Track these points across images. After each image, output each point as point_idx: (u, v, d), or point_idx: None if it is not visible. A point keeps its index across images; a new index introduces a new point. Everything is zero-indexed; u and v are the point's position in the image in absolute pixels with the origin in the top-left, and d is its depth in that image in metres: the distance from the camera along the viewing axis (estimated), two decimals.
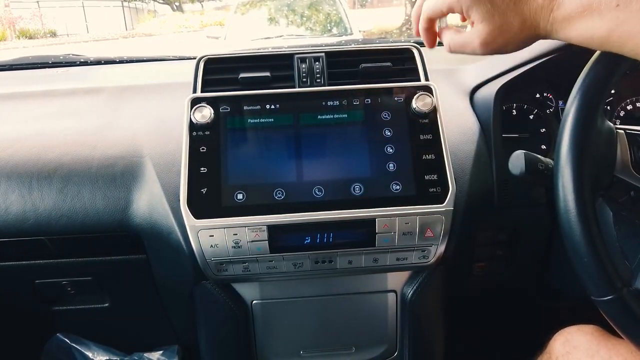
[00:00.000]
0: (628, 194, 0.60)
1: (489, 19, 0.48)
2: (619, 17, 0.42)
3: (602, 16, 0.43)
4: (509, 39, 0.49)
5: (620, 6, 0.42)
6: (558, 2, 0.46)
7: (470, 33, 0.51)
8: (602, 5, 0.43)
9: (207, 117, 0.67)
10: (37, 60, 1.22)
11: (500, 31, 0.48)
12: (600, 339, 0.64)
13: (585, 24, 0.45)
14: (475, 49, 0.51)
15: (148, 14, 19.02)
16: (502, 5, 0.47)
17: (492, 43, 0.49)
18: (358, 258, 0.69)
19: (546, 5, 0.46)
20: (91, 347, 0.94)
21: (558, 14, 0.46)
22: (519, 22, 0.48)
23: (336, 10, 4.84)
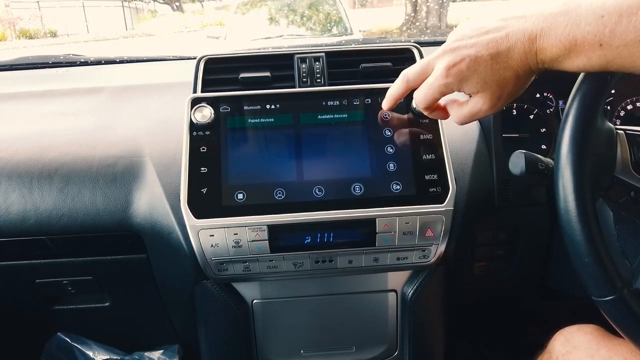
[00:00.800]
0: (628, 194, 0.60)
1: (483, 87, 0.49)
2: (607, 55, 0.42)
3: (590, 56, 0.43)
4: (511, 91, 0.49)
5: (604, 45, 0.42)
6: (538, 47, 0.46)
7: (475, 102, 0.51)
8: (586, 47, 0.43)
9: (207, 117, 0.67)
10: (37, 60, 1.22)
11: (500, 90, 0.49)
12: (600, 339, 0.64)
13: (575, 61, 0.45)
14: (486, 113, 0.51)
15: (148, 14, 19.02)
16: (488, 70, 0.48)
17: (498, 101, 0.50)
18: (358, 258, 0.69)
19: (528, 51, 0.46)
20: (92, 347, 0.94)
21: (544, 57, 0.46)
22: (512, 74, 0.48)
23: (336, 10, 4.84)
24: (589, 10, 0.43)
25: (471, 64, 0.48)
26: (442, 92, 0.51)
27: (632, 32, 0.40)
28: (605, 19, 0.42)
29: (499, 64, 0.47)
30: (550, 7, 0.46)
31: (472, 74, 0.48)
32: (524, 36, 0.46)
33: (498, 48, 0.47)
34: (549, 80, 0.84)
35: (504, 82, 0.48)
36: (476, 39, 0.49)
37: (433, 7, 8.84)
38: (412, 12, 9.06)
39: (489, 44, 0.47)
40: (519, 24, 0.47)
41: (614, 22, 0.41)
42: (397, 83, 0.56)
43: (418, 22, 8.89)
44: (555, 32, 0.44)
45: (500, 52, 0.47)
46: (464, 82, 0.49)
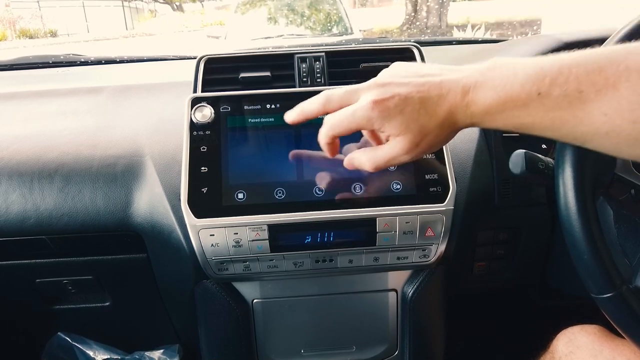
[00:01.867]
0: (628, 192, 0.60)
1: (404, 130, 0.46)
2: (545, 104, 0.40)
3: (526, 106, 0.41)
4: (432, 141, 0.47)
5: (542, 94, 0.40)
6: (471, 99, 0.43)
7: (391, 146, 0.48)
8: (523, 96, 0.41)
9: (207, 117, 0.67)
10: (37, 60, 1.23)
11: (420, 136, 0.46)
12: (603, 339, 0.64)
13: (509, 114, 0.42)
14: (402, 159, 0.48)
15: (148, 14, 19.03)
16: (414, 113, 0.45)
17: (417, 149, 0.47)
18: (359, 257, 0.69)
19: (459, 103, 0.44)
20: (92, 346, 0.94)
21: (476, 109, 0.43)
22: (436, 123, 0.45)
23: (336, 9, 4.85)
24: (526, 64, 0.42)
25: (399, 102, 0.45)
26: (360, 125, 0.48)
27: (574, 83, 0.39)
28: (544, 70, 0.40)
29: (426, 110, 0.45)
30: (486, 63, 0.45)
31: (398, 114, 0.45)
32: (457, 86, 0.44)
33: (429, 93, 0.45)
34: None
35: (426, 130, 0.46)
36: (410, 79, 0.47)
37: (433, 7, 8.85)
38: (412, 11, 9.06)
39: (422, 87, 0.46)
40: (454, 75, 0.45)
41: (554, 72, 0.40)
42: (315, 100, 0.52)
43: (418, 22, 8.90)
44: (491, 83, 0.43)
45: (431, 97, 0.45)
46: (387, 120, 0.46)
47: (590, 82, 0.38)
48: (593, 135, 0.40)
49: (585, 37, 0.78)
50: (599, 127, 0.39)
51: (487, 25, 7.08)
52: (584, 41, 0.78)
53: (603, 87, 0.38)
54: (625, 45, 0.40)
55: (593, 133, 0.40)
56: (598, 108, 0.38)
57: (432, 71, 0.47)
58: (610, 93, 0.38)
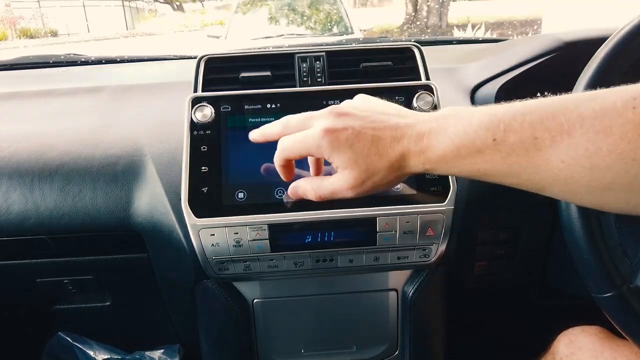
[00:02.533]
0: None
1: (352, 165, 0.45)
2: (501, 150, 0.40)
3: (482, 153, 0.41)
4: (378, 181, 0.46)
5: (498, 141, 0.40)
6: (425, 144, 0.43)
7: (337, 179, 0.47)
8: (478, 143, 0.40)
9: (207, 117, 0.67)
10: (38, 59, 1.23)
11: (367, 174, 0.45)
12: (604, 340, 0.64)
13: (464, 161, 0.42)
14: (345, 194, 0.48)
15: (149, 14, 19.03)
16: (364, 150, 0.44)
17: (362, 186, 0.46)
18: (359, 257, 0.69)
19: (412, 148, 0.43)
20: (93, 346, 0.94)
21: (430, 155, 0.43)
22: (385, 165, 0.45)
23: (337, 9, 4.85)
24: (481, 111, 0.42)
25: (350, 136, 0.45)
26: (310, 151, 0.47)
27: (528, 130, 0.38)
28: (498, 117, 0.40)
29: (377, 150, 0.44)
30: (441, 111, 0.45)
31: (347, 148, 0.45)
32: (412, 131, 0.44)
33: (383, 133, 0.45)
34: (550, 79, 0.84)
35: (373, 170, 0.45)
36: (366, 114, 0.46)
37: (434, 7, 8.85)
38: (412, 11, 9.06)
39: (377, 125, 0.45)
40: (411, 119, 0.45)
41: (508, 119, 0.40)
42: (276, 124, 0.53)
43: (419, 22, 8.89)
44: (445, 130, 0.42)
45: (384, 138, 0.44)
46: (336, 151, 0.45)
47: (545, 129, 0.38)
48: (552, 182, 0.40)
49: (586, 37, 0.78)
50: (557, 173, 0.38)
51: (487, 24, 7.08)
52: (584, 41, 0.78)
53: (558, 134, 0.38)
54: (578, 94, 0.41)
55: (552, 180, 0.39)
56: (555, 154, 0.38)
57: (391, 111, 0.47)
58: (565, 139, 0.37)
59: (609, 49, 0.56)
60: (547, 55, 0.78)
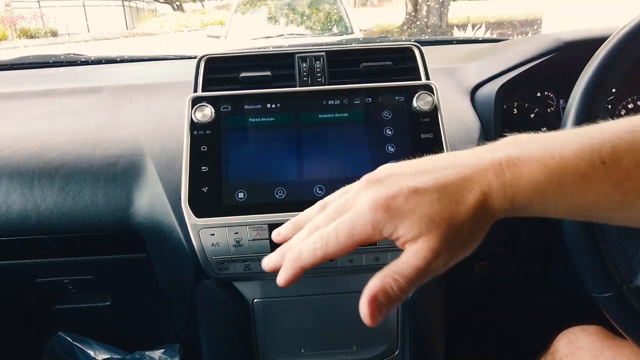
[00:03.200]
0: None
1: (427, 227, 0.34)
2: (612, 175, 0.33)
3: (588, 180, 0.33)
4: (467, 235, 0.35)
5: (607, 163, 0.32)
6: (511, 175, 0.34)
7: (413, 254, 0.34)
8: (582, 166, 0.33)
9: (208, 116, 0.67)
10: (38, 59, 1.23)
11: (450, 232, 0.34)
12: (604, 340, 0.64)
13: (566, 192, 0.34)
14: (434, 267, 0.35)
15: (149, 13, 19.02)
16: (433, 205, 0.34)
17: (450, 250, 0.35)
18: (359, 257, 0.69)
19: (493, 183, 0.34)
20: (93, 346, 0.94)
21: (520, 189, 0.34)
22: (467, 212, 0.34)
23: (337, 9, 4.85)
24: (569, 133, 0.34)
25: (410, 195, 0.34)
26: (365, 237, 0.35)
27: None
28: (597, 137, 0.33)
29: (450, 197, 0.34)
30: (507, 138, 0.36)
31: (411, 211, 0.34)
32: (483, 164, 0.34)
33: (448, 178, 0.35)
34: (550, 79, 0.84)
35: (457, 223, 0.34)
36: (410, 169, 0.37)
37: (434, 6, 8.84)
38: (412, 11, 9.06)
39: (434, 173, 0.35)
40: (471, 155, 0.36)
41: (611, 136, 0.33)
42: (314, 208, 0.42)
43: (419, 21, 8.89)
44: (530, 154, 0.34)
45: (452, 182, 0.34)
46: (400, 222, 0.34)
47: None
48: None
49: (586, 37, 0.78)
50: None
51: (487, 24, 7.08)
52: (584, 41, 0.78)
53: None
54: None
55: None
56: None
57: (436, 159, 0.37)
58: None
59: (609, 49, 0.56)
60: (547, 55, 0.78)
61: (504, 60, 0.84)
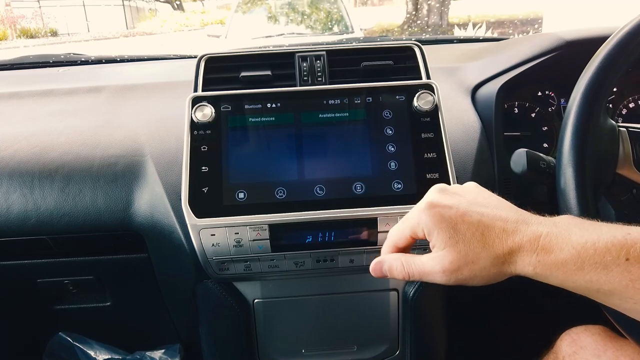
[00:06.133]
0: (630, 192, 0.60)
1: (451, 246, 0.41)
2: (632, 272, 0.36)
3: (608, 271, 0.37)
4: (477, 272, 0.42)
5: (631, 260, 0.36)
6: (542, 246, 0.39)
7: (430, 259, 0.44)
8: (607, 259, 0.36)
9: (208, 116, 0.67)
10: (38, 59, 1.23)
11: (465, 261, 0.41)
12: (607, 340, 0.64)
13: (586, 276, 0.38)
14: (436, 277, 0.44)
15: (149, 13, 19.02)
16: (467, 233, 0.41)
17: (456, 272, 0.42)
18: (359, 257, 0.69)
19: (526, 246, 0.39)
20: (93, 346, 0.94)
21: (547, 259, 0.39)
22: (489, 255, 0.41)
23: (337, 8, 4.84)
24: (611, 227, 0.38)
25: (455, 216, 0.41)
26: (412, 229, 0.45)
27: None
28: (634, 235, 0.36)
29: (483, 236, 0.41)
30: (560, 217, 0.41)
31: (450, 227, 0.41)
32: (527, 229, 0.40)
33: (492, 222, 0.41)
34: (551, 78, 0.84)
35: (474, 257, 0.41)
36: (475, 198, 0.44)
37: (434, 6, 8.83)
38: (413, 10, 9.05)
39: (485, 211, 0.42)
40: (524, 217, 0.42)
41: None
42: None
43: (419, 21, 8.89)
44: (567, 237, 0.38)
45: (492, 227, 0.41)
46: (437, 229, 0.42)
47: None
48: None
49: (587, 36, 0.78)
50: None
51: (488, 23, 7.07)
52: (585, 40, 0.78)
53: None
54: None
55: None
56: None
57: (502, 205, 0.44)
58: None
59: (610, 48, 0.55)
60: (548, 54, 0.78)
61: (504, 59, 0.84)
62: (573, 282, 0.39)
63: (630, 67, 0.56)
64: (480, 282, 0.43)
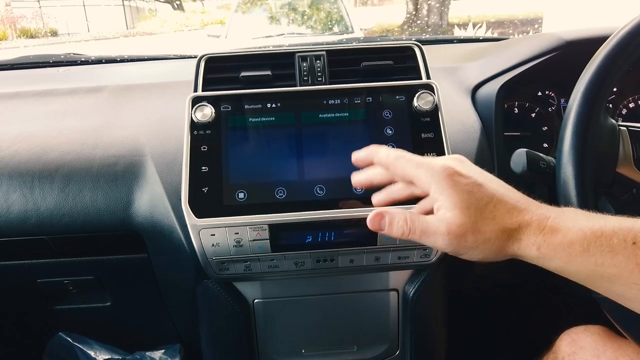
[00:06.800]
0: (630, 191, 0.60)
1: (463, 209, 0.40)
2: (639, 255, 0.36)
3: (614, 254, 0.36)
4: (480, 242, 0.40)
5: (638, 244, 0.36)
6: (550, 226, 0.39)
7: (437, 218, 0.41)
8: (614, 241, 0.36)
9: (208, 116, 0.67)
10: (38, 59, 1.23)
11: (472, 228, 0.40)
12: (606, 340, 0.64)
13: (591, 259, 0.37)
14: (438, 239, 0.41)
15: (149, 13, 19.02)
16: (481, 202, 0.40)
17: (460, 238, 0.40)
18: (359, 257, 0.69)
19: (534, 223, 0.40)
20: (93, 346, 0.94)
21: (553, 239, 0.38)
22: (497, 228, 0.40)
23: (337, 8, 4.84)
24: (618, 216, 0.38)
25: (471, 184, 0.41)
26: (417, 177, 0.44)
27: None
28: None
29: (494, 208, 0.40)
30: (580, 210, 0.42)
31: (465, 192, 0.41)
32: (537, 209, 0.41)
33: (505, 197, 0.41)
34: (551, 78, 0.84)
35: (482, 226, 0.40)
36: (490, 177, 0.44)
37: (434, 6, 8.84)
38: (413, 10, 9.05)
39: (499, 189, 0.42)
40: (533, 201, 0.42)
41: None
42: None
43: (419, 21, 8.89)
44: (575, 219, 0.39)
45: (504, 202, 0.41)
46: (450, 190, 0.41)
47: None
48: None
49: (587, 36, 0.78)
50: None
51: (488, 23, 7.08)
52: (585, 40, 0.78)
53: None
54: None
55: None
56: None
57: (513, 190, 0.44)
58: None
59: (610, 48, 0.55)
60: (548, 54, 0.78)
61: (504, 59, 0.84)
62: (577, 264, 0.38)
63: (630, 67, 0.56)
64: (479, 255, 0.42)
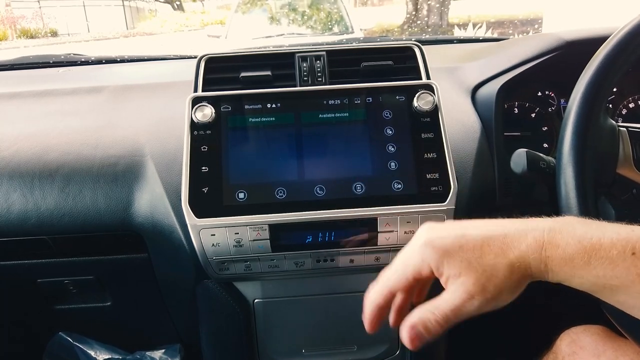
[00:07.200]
0: (630, 192, 0.60)
1: (466, 269, 0.40)
2: (639, 266, 0.36)
3: (614, 265, 0.36)
4: (501, 284, 0.40)
5: (637, 254, 0.36)
6: (548, 242, 0.39)
7: (452, 292, 0.41)
8: (613, 252, 0.36)
9: (208, 116, 0.67)
10: (38, 59, 1.23)
11: (485, 277, 0.40)
12: (606, 340, 0.64)
13: (593, 271, 0.37)
14: (467, 306, 0.41)
15: (149, 13, 19.02)
16: (475, 252, 0.40)
17: (483, 292, 0.40)
18: (360, 257, 0.69)
19: (531, 246, 0.39)
20: (93, 346, 0.94)
21: (554, 255, 0.39)
22: (505, 263, 0.40)
23: (337, 8, 4.85)
24: (614, 224, 0.38)
25: (456, 241, 0.41)
26: (415, 269, 0.42)
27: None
28: (638, 232, 0.37)
29: (490, 248, 0.40)
30: (573, 218, 0.41)
31: (457, 251, 0.40)
32: (525, 229, 0.40)
33: (492, 233, 0.40)
34: (551, 78, 0.84)
35: (492, 270, 0.40)
36: (463, 224, 0.43)
37: (434, 6, 8.84)
38: (413, 10, 9.05)
39: (481, 228, 0.42)
40: (519, 222, 0.41)
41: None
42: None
43: (419, 21, 8.89)
44: (571, 231, 0.38)
45: (494, 237, 0.40)
46: (445, 259, 0.40)
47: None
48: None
49: (587, 36, 0.78)
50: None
51: (488, 23, 7.07)
52: (585, 40, 0.78)
53: None
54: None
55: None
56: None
57: (491, 220, 0.43)
58: None
59: (610, 48, 0.55)
60: (548, 55, 0.78)
61: (504, 59, 0.84)
62: (580, 277, 0.38)
63: (630, 67, 0.56)
64: (507, 295, 0.41)
